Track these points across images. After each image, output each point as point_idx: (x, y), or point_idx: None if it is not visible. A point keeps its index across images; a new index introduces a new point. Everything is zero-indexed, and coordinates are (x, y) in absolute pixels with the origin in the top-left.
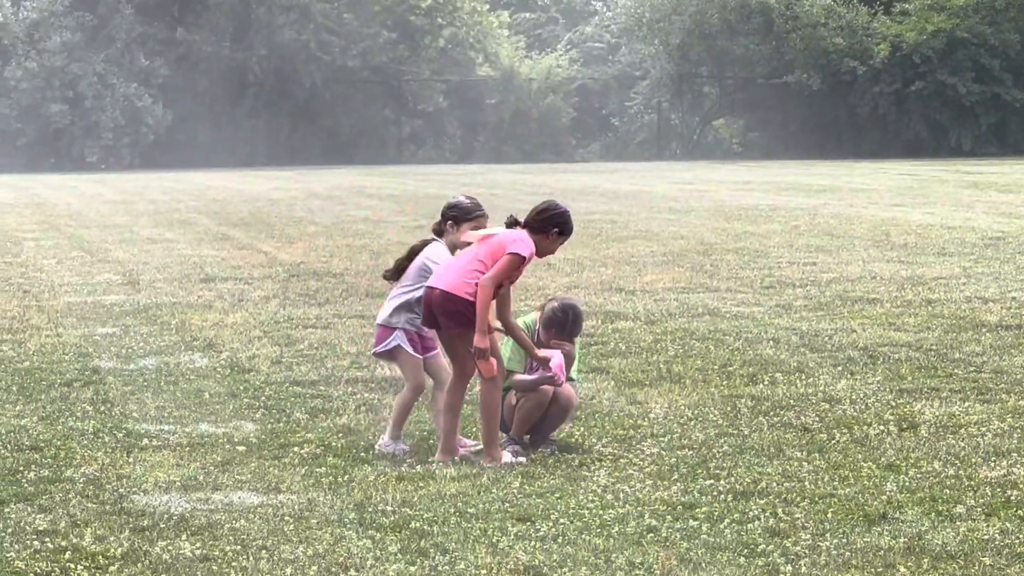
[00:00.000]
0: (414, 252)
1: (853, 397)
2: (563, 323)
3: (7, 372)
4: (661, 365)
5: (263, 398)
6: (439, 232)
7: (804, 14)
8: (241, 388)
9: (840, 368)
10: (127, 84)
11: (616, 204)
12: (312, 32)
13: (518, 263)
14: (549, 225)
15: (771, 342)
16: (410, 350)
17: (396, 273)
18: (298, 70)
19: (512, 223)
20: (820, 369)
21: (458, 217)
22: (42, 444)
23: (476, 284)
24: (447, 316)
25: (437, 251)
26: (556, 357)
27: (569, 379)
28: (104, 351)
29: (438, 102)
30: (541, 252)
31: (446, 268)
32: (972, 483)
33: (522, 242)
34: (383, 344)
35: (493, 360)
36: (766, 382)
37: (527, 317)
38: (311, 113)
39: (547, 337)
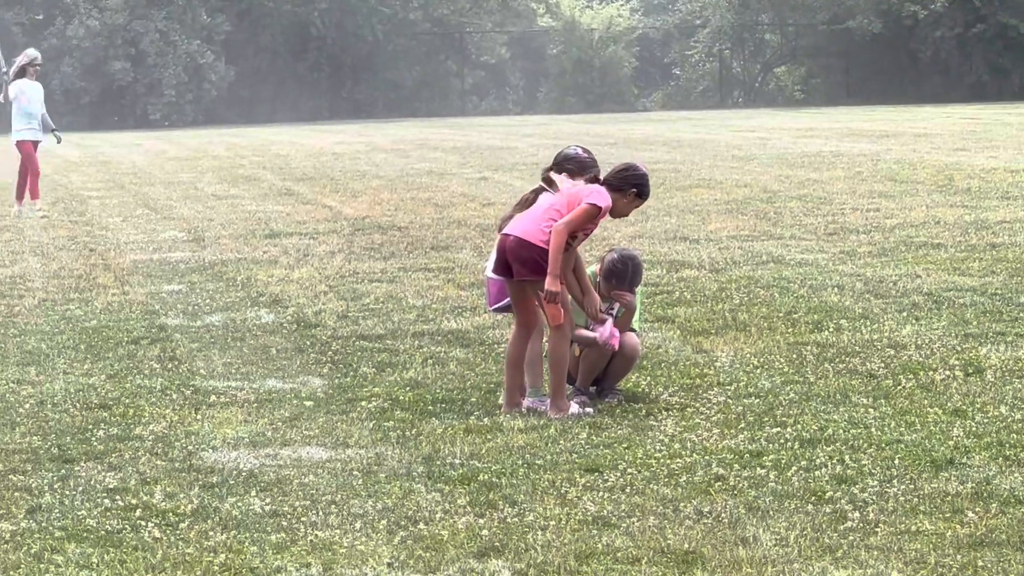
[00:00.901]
0: (526, 203)
1: (918, 343)
2: (623, 274)
3: (75, 331)
4: (726, 313)
5: (330, 353)
6: (548, 181)
7: None
8: (308, 343)
9: (905, 314)
10: (189, 41)
11: (679, 153)
12: None
13: (594, 214)
14: (628, 184)
15: (835, 289)
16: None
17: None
18: (360, 24)
19: (593, 180)
20: (885, 315)
21: (573, 171)
22: (110, 402)
23: (547, 231)
24: (521, 263)
25: None
26: (607, 326)
27: (631, 330)
28: (170, 308)
29: (500, 53)
30: (616, 211)
31: (521, 216)
32: None
33: (600, 194)
34: (502, 301)
35: (561, 308)
36: (831, 329)
37: (588, 269)
38: (373, 67)
39: (607, 288)
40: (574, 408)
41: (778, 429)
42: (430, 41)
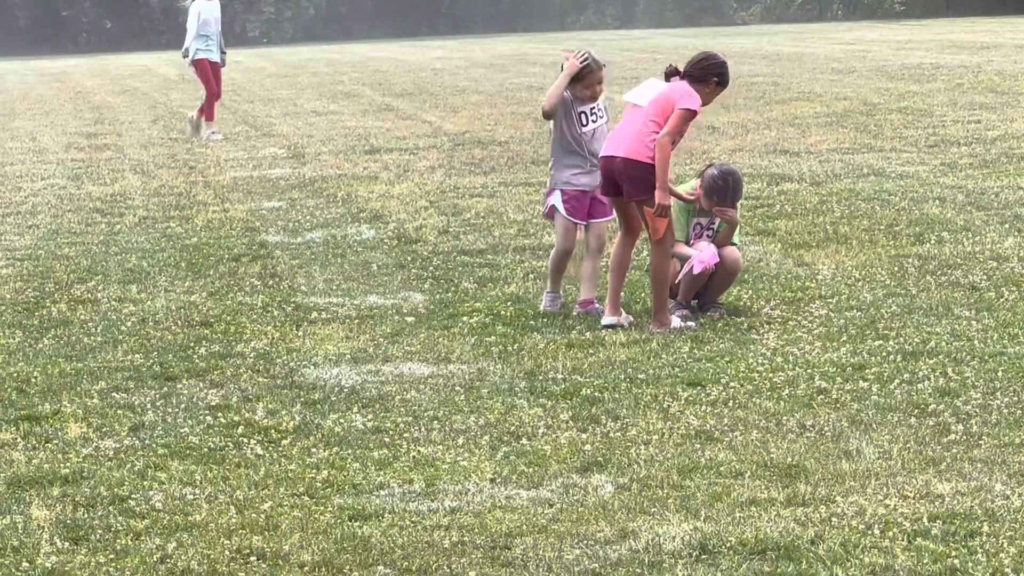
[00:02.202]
0: None
1: (1021, 254)
2: (723, 190)
3: (175, 249)
4: (827, 226)
5: (431, 268)
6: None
7: None
8: (408, 259)
9: (1007, 226)
10: None
11: (778, 66)
12: None
13: (689, 117)
14: (709, 75)
15: (937, 201)
16: (563, 212)
17: None
18: None
19: (672, 72)
20: (987, 227)
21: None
22: (212, 320)
23: (651, 145)
24: (631, 183)
25: None
26: (708, 249)
27: (732, 244)
28: (271, 225)
29: None
30: (702, 102)
31: (619, 135)
32: None
33: (690, 96)
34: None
35: (667, 221)
36: (933, 241)
37: (686, 184)
38: None
39: (708, 205)
40: (676, 322)
41: (880, 342)
42: None
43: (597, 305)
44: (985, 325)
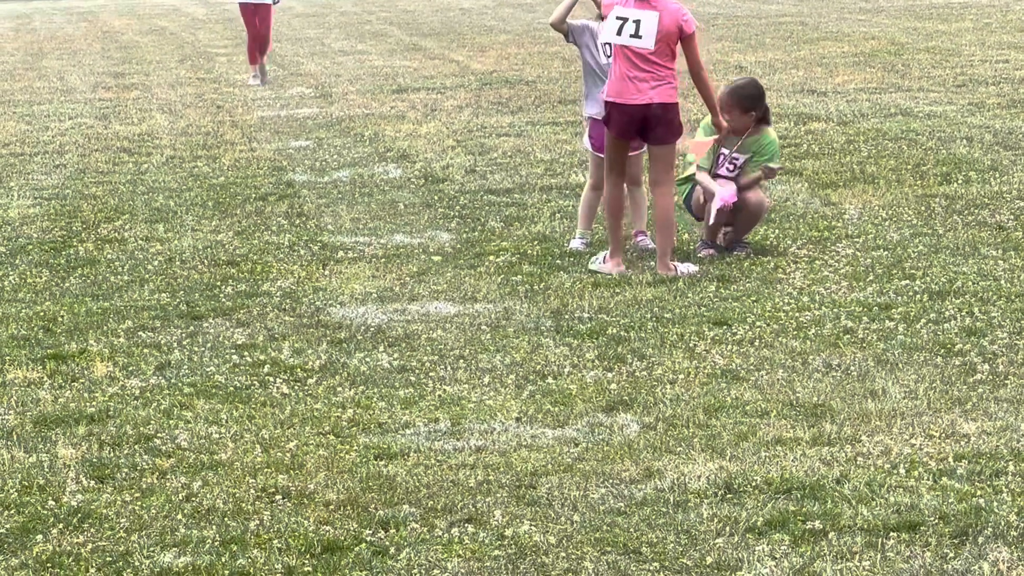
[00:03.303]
0: None
1: None
2: (757, 95)
3: (203, 188)
4: (854, 166)
5: (457, 207)
6: None
7: None
8: (435, 198)
9: None
10: None
11: (805, 5)
12: None
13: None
14: None
15: (964, 141)
16: (587, 146)
17: None
18: None
19: None
20: (1014, 167)
21: None
22: (238, 259)
23: (675, 85)
24: (667, 126)
25: None
26: (728, 187)
27: (769, 170)
28: (298, 164)
29: None
30: None
31: (637, 79)
32: None
33: (689, 18)
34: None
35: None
36: (960, 181)
37: (704, 120)
38: None
39: (732, 118)
40: (681, 268)
41: (907, 281)
42: None
43: (644, 238)
44: (1012, 264)
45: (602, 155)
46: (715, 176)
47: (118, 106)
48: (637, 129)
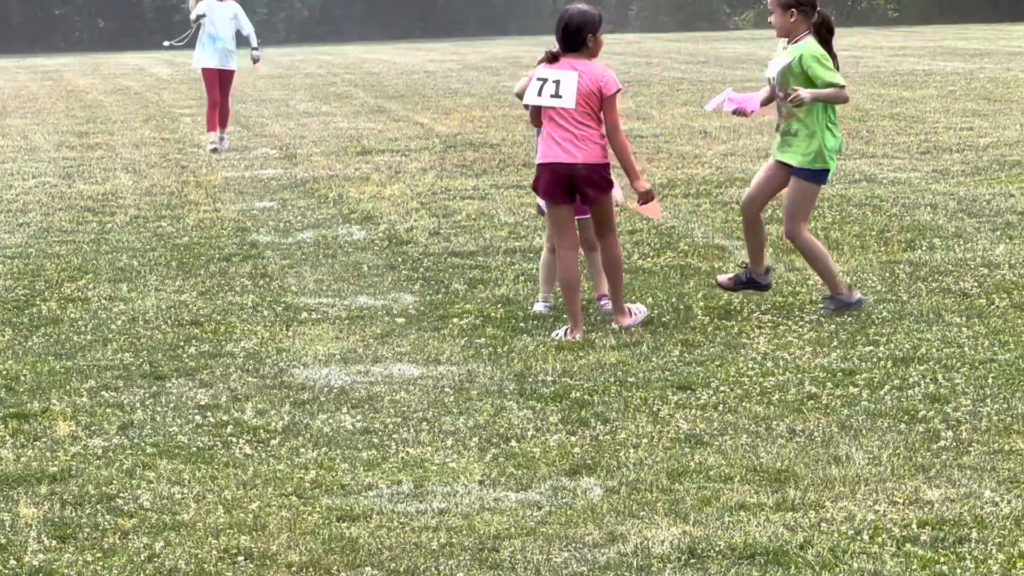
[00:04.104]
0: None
1: (1012, 262)
2: None
3: (166, 248)
4: (819, 231)
5: (421, 270)
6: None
7: None
8: (399, 260)
9: (998, 233)
10: None
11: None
12: None
13: (617, 96)
14: (582, 38)
15: (928, 207)
16: (539, 209)
17: None
18: None
19: (553, 57)
20: (978, 234)
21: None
22: (202, 319)
23: (602, 144)
24: (594, 186)
25: None
26: (752, 97)
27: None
28: (262, 225)
29: None
30: (595, 56)
31: (563, 139)
32: None
33: (611, 79)
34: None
35: (655, 204)
36: (924, 248)
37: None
38: None
39: (774, 18)
40: (634, 310)
41: (871, 348)
42: None
43: (606, 302)
44: (975, 331)
45: None
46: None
47: (82, 165)
48: (565, 189)
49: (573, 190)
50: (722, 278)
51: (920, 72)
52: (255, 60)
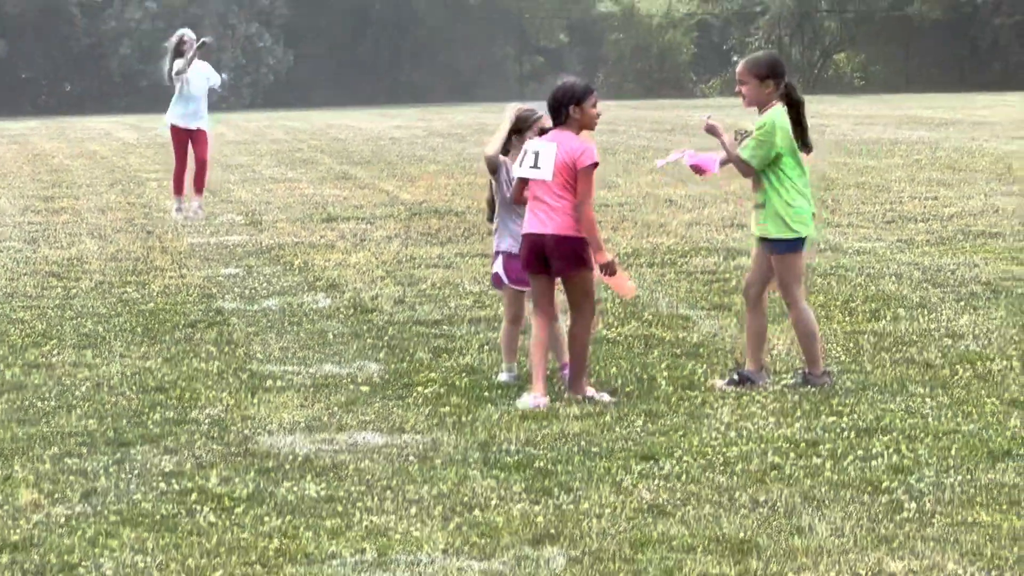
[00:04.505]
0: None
1: (976, 332)
2: (760, 60)
3: (131, 314)
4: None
5: (386, 338)
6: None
7: None
8: (364, 328)
9: (963, 303)
10: (248, 24)
11: None
12: None
13: (593, 171)
14: (563, 109)
15: (893, 277)
16: (505, 280)
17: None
18: (419, 7)
19: (543, 131)
20: (943, 304)
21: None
22: (167, 386)
23: (575, 215)
24: (564, 258)
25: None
26: (711, 156)
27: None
28: (228, 292)
29: (559, 39)
30: (589, 127)
31: (538, 211)
32: None
33: (585, 152)
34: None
35: (622, 284)
36: (888, 318)
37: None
38: (432, 51)
39: (748, 89)
40: (590, 391)
41: (834, 418)
42: (489, 25)
43: (567, 371)
44: (939, 402)
45: (515, 288)
46: None
47: (47, 230)
48: (539, 260)
49: (547, 261)
50: (718, 383)
51: (886, 141)
52: (221, 86)
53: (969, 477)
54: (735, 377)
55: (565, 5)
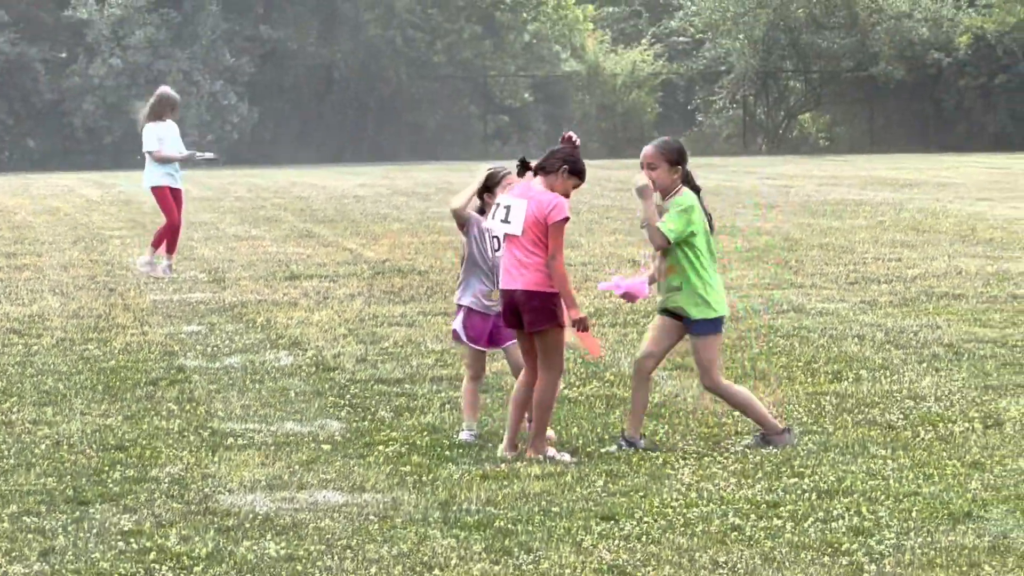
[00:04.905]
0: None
1: (938, 394)
2: (673, 147)
3: (93, 371)
4: (746, 362)
5: (348, 396)
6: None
7: (889, 6)
8: (326, 386)
9: (925, 365)
10: (212, 82)
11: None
12: (397, 27)
13: (564, 226)
14: (557, 164)
15: (856, 339)
16: (463, 336)
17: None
18: (383, 66)
19: (524, 165)
20: (905, 366)
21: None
22: (127, 443)
23: (545, 271)
24: (534, 313)
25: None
26: (640, 279)
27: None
28: (190, 349)
29: (523, 97)
30: (566, 195)
31: (510, 265)
32: None
33: (556, 207)
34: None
35: (594, 341)
36: (850, 379)
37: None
38: (396, 109)
39: (659, 174)
40: (551, 451)
41: (796, 479)
42: (453, 84)
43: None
44: (900, 464)
45: (475, 347)
46: None
47: (9, 286)
48: (514, 315)
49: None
50: (613, 448)
51: (850, 202)
52: (206, 157)
53: (930, 539)
54: (622, 444)
55: (530, 64)
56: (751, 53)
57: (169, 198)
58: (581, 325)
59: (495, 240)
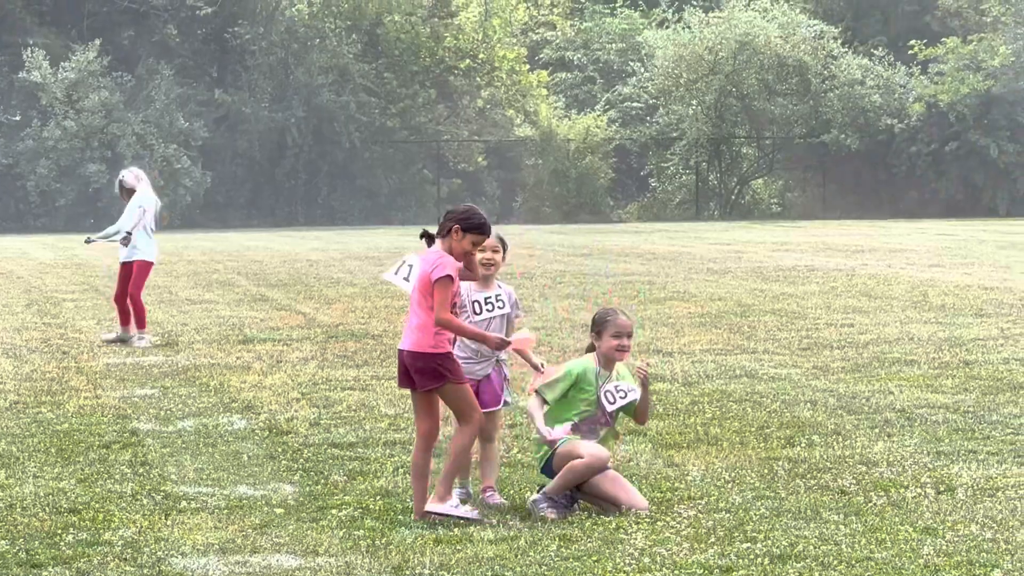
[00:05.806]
0: None
1: (890, 459)
2: (605, 314)
3: (46, 434)
4: (698, 427)
5: (301, 460)
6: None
7: (841, 73)
8: (279, 450)
9: (877, 430)
10: (166, 145)
11: (654, 265)
12: (351, 92)
13: (448, 283)
14: (447, 226)
15: (808, 404)
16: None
17: None
18: (337, 131)
19: (426, 236)
20: (857, 431)
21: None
22: (80, 507)
23: (434, 332)
24: (420, 373)
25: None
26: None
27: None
28: (143, 413)
29: (477, 162)
30: (456, 255)
31: (407, 326)
32: (1009, 547)
33: (440, 264)
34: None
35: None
36: (803, 444)
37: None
38: (350, 174)
39: (609, 345)
40: (453, 501)
41: (748, 544)
42: (407, 149)
43: (492, 494)
44: (853, 529)
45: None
46: (599, 415)
47: None
48: (406, 376)
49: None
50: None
51: (802, 268)
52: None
53: None
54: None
55: (483, 128)
56: (704, 119)
57: (147, 273)
58: (504, 345)
59: (475, 304)
